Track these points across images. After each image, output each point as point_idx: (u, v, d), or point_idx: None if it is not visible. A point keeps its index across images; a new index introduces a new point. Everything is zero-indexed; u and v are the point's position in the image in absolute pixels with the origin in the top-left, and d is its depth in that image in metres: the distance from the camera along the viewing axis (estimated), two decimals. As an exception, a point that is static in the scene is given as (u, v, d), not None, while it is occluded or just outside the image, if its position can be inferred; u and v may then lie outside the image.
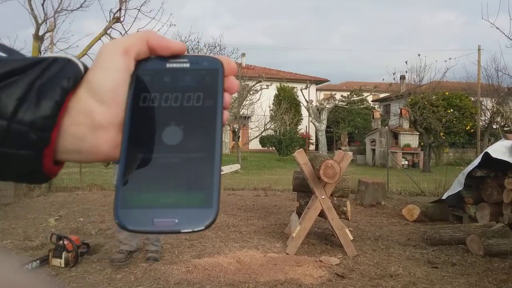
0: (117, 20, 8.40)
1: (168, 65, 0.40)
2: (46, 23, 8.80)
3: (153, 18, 9.19)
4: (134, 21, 8.66)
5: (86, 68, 0.38)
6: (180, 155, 0.37)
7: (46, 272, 3.58)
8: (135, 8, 8.64)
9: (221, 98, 0.39)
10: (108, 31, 8.48)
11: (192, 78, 0.40)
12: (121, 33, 8.53)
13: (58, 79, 0.36)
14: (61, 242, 3.72)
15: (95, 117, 0.37)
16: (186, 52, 0.41)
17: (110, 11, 8.45)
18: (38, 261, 3.70)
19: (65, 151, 0.37)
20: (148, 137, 0.37)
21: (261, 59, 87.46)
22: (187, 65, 0.40)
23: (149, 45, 0.39)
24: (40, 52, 8.29)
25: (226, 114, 0.40)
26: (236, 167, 11.23)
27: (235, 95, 17.63)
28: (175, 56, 0.40)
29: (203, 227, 0.35)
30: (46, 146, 0.35)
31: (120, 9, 8.37)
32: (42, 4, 8.54)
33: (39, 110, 0.35)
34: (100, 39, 8.45)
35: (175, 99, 0.39)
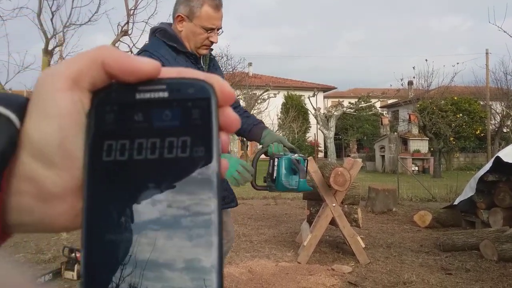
0: (125, 33, 8.49)
1: (138, 96, 0.27)
2: (55, 38, 8.90)
3: (160, 30, 9.25)
4: (141, 34, 8.76)
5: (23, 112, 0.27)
6: (163, 231, 0.26)
7: (59, 285, 3.60)
8: (143, 21, 8.72)
9: (216, 142, 0.27)
10: (117, 44, 8.57)
11: (173, 113, 0.27)
12: (129, 46, 8.62)
13: None
14: (73, 254, 3.74)
15: (42, 185, 0.26)
16: (162, 74, 0.28)
17: (118, 25, 8.54)
18: (50, 274, 3.71)
19: (10, 225, 0.27)
20: (117, 207, 0.26)
21: (268, 68, 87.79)
22: (165, 94, 0.27)
23: (107, 68, 0.27)
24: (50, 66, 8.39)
25: (224, 164, 0.28)
26: None
27: (243, 103, 17.70)
28: (147, 82, 0.28)
29: None
30: None
31: (127, 22, 8.45)
32: (51, 19, 8.65)
33: None
34: (108, 52, 8.51)
35: (152, 147, 0.27)
